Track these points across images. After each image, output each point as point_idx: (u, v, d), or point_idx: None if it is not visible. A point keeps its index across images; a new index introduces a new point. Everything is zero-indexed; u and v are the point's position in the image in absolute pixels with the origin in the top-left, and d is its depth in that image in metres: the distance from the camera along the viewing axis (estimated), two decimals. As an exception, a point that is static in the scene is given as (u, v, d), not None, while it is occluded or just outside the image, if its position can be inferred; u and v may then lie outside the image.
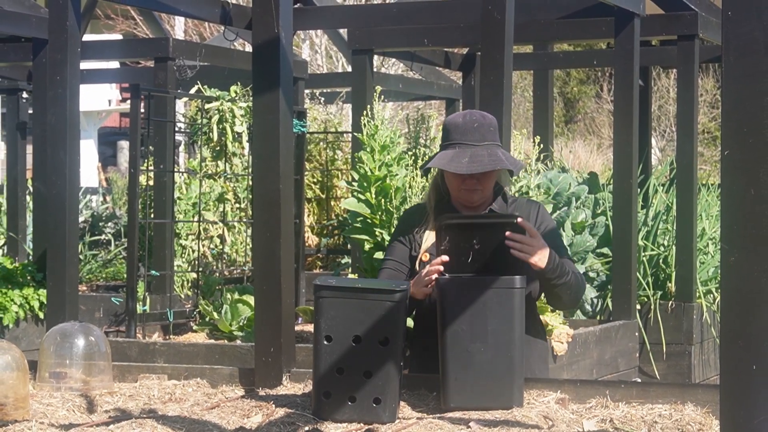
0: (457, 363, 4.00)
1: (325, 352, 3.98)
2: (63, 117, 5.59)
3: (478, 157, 4.23)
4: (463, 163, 4.23)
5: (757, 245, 2.73)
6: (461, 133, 4.28)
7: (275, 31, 4.73)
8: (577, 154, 22.78)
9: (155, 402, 4.40)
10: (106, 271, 10.02)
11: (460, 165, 4.23)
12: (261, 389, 4.57)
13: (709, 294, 8.26)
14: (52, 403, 4.33)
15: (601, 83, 29.27)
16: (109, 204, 14.86)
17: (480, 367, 4.00)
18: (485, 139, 4.26)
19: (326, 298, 4.00)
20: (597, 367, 6.58)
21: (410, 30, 8.89)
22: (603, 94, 28.98)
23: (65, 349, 4.68)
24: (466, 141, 4.26)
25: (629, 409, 4.08)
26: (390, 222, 5.84)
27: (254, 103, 4.86)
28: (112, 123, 25.45)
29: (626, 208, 7.08)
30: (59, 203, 5.59)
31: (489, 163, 4.23)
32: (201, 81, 8.74)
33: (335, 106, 13.25)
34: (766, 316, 2.73)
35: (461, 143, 4.27)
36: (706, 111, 26.47)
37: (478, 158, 4.23)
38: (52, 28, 5.66)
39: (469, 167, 4.22)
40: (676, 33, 8.07)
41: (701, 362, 8.20)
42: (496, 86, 5.62)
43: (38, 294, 7.54)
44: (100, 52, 9.56)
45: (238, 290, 6.89)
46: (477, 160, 4.23)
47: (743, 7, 2.73)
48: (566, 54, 11.83)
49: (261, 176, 4.80)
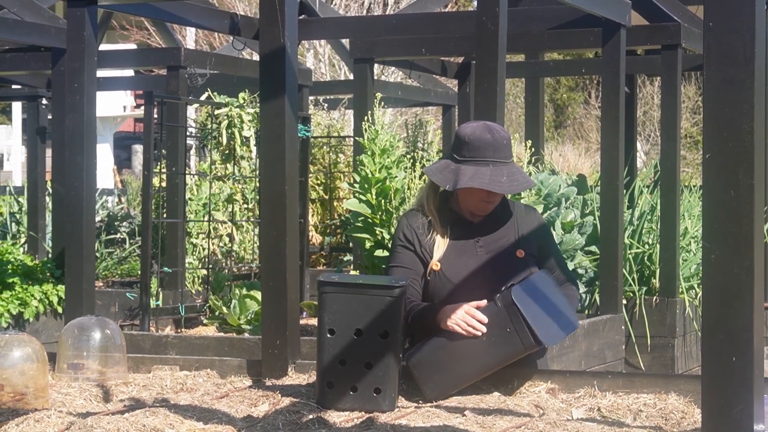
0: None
1: (329, 345, 3.98)
2: (80, 122, 5.59)
3: (514, 176, 4.16)
4: (503, 182, 4.13)
5: (737, 243, 2.73)
6: (494, 150, 4.16)
7: (281, 41, 4.73)
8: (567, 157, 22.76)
9: (167, 392, 4.40)
10: (121, 268, 10.02)
11: (501, 184, 4.13)
12: (268, 380, 4.57)
13: (692, 289, 8.26)
14: (70, 392, 4.33)
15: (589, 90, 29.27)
16: (124, 204, 14.85)
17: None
18: (511, 156, 4.22)
19: (329, 294, 4.00)
20: (585, 359, 6.58)
21: (409, 40, 8.89)
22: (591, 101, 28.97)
23: (82, 341, 4.68)
24: (499, 158, 4.17)
25: (616, 398, 4.08)
26: (390, 221, 5.84)
27: (261, 109, 4.86)
28: (127, 128, 25.43)
29: (613, 208, 7.08)
30: (77, 204, 5.59)
31: (524, 182, 4.18)
32: (211, 88, 8.74)
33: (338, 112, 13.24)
34: (745, 310, 2.73)
35: (495, 161, 4.16)
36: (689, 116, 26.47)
37: (514, 177, 4.16)
38: (71, 38, 5.66)
39: (510, 187, 4.15)
40: (660, 43, 8.06)
41: (684, 354, 8.19)
42: (490, 93, 5.61)
43: (57, 290, 7.54)
44: (115, 60, 9.56)
45: (245, 286, 6.90)
46: (514, 178, 4.15)
47: (724, 19, 2.73)
48: (556, 62, 11.83)
49: (268, 178, 4.80)
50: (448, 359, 4.06)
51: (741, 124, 2.72)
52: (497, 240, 4.25)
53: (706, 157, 2.76)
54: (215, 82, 9.02)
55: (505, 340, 4.01)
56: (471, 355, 4.04)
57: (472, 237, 4.24)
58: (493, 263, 4.20)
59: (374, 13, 20.45)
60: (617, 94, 7.02)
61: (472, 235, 4.25)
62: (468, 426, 3.68)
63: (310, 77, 9.94)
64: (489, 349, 4.03)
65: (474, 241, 4.24)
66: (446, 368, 4.07)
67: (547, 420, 3.73)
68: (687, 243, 8.51)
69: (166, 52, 9.22)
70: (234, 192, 8.66)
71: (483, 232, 4.25)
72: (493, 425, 3.69)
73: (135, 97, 22.83)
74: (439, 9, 9.69)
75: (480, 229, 4.26)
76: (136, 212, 12.70)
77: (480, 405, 3.99)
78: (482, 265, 4.21)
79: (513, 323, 4.00)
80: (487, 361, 4.05)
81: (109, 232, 10.97)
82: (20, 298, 7.39)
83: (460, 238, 4.24)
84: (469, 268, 4.20)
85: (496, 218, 4.28)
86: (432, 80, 11.84)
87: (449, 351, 4.06)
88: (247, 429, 3.67)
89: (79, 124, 5.58)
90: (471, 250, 4.23)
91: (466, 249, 4.23)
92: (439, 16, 9.04)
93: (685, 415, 3.83)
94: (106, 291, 8.31)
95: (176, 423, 3.64)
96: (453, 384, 4.10)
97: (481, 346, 4.03)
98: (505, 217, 4.29)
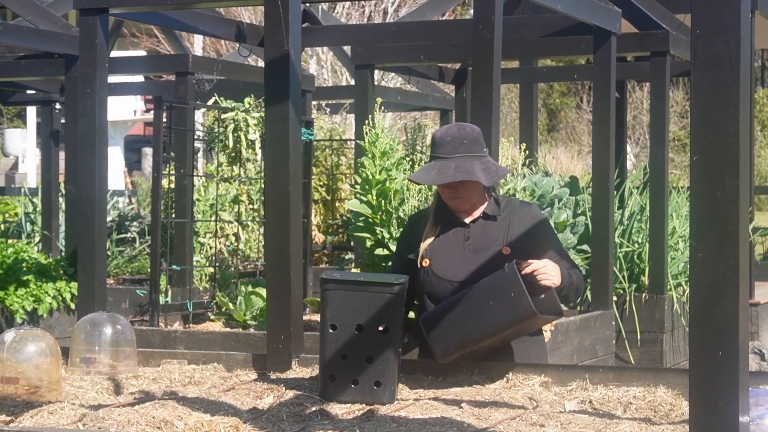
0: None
1: (331, 340, 3.98)
2: (92, 126, 5.59)
3: (444, 169, 4.19)
4: (431, 175, 4.21)
5: (723, 242, 2.72)
6: (438, 146, 4.26)
7: (285, 48, 4.72)
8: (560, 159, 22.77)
9: (176, 385, 4.40)
10: (131, 265, 10.02)
11: (428, 177, 4.22)
12: (272, 373, 4.56)
13: (679, 286, 8.26)
14: (82, 385, 4.33)
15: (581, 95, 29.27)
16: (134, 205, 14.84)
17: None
18: (456, 152, 4.21)
19: (331, 291, 3.99)
20: (577, 353, 6.58)
21: (408, 47, 8.89)
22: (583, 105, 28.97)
23: (94, 336, 4.68)
24: (439, 154, 4.24)
25: (607, 391, 4.08)
26: (389, 221, 5.83)
27: (266, 114, 4.86)
28: (137, 131, 25.42)
29: (604, 208, 7.08)
30: (89, 204, 5.59)
31: (452, 175, 4.18)
32: (218, 93, 8.73)
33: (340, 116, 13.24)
34: (730, 306, 2.72)
35: (436, 156, 4.25)
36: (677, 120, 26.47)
37: (444, 170, 4.19)
38: (83, 46, 5.66)
39: (435, 178, 4.20)
40: (649, 50, 8.06)
41: (672, 349, 8.19)
42: (486, 98, 5.61)
43: (70, 287, 7.54)
44: (126, 67, 9.56)
45: (251, 283, 6.89)
46: (443, 172, 4.19)
47: (710, 26, 2.72)
48: (549, 69, 11.84)
49: (272, 179, 4.80)
50: (457, 318, 4.10)
51: (727, 127, 2.72)
52: (486, 238, 4.28)
53: (694, 160, 2.75)
54: (222, 88, 9.01)
55: (509, 305, 4.04)
56: (478, 316, 4.08)
57: (463, 235, 4.29)
58: (477, 260, 4.24)
59: (375, 21, 20.45)
60: (608, 98, 7.02)
61: (463, 234, 4.30)
62: (465, 417, 3.68)
63: (313, 83, 9.94)
64: (494, 312, 4.06)
65: (464, 240, 4.29)
66: (454, 327, 4.10)
67: (540, 412, 3.73)
68: (675, 242, 8.51)
69: (174, 58, 9.23)
70: (240, 193, 8.66)
71: (474, 231, 4.30)
72: (489, 417, 3.69)
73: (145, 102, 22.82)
74: (437, 17, 9.69)
75: (471, 228, 4.31)
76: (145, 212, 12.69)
77: (476, 398, 3.99)
78: (467, 262, 4.25)
79: (515, 290, 4.02)
80: (492, 322, 4.08)
81: (120, 231, 10.96)
82: (34, 294, 7.39)
83: (452, 236, 4.30)
84: (456, 265, 4.25)
85: (487, 216, 4.32)
86: (430, 85, 11.84)
87: (458, 311, 4.10)
88: (253, 421, 3.66)
89: (91, 127, 5.59)
90: (459, 248, 4.28)
91: (455, 247, 4.28)
92: (437, 24, 9.04)
93: (673, 408, 3.83)
94: (117, 288, 8.31)
95: (184, 415, 3.64)
96: (459, 343, 4.12)
97: (487, 309, 4.06)
98: (497, 215, 4.31)
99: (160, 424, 3.55)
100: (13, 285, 7.38)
